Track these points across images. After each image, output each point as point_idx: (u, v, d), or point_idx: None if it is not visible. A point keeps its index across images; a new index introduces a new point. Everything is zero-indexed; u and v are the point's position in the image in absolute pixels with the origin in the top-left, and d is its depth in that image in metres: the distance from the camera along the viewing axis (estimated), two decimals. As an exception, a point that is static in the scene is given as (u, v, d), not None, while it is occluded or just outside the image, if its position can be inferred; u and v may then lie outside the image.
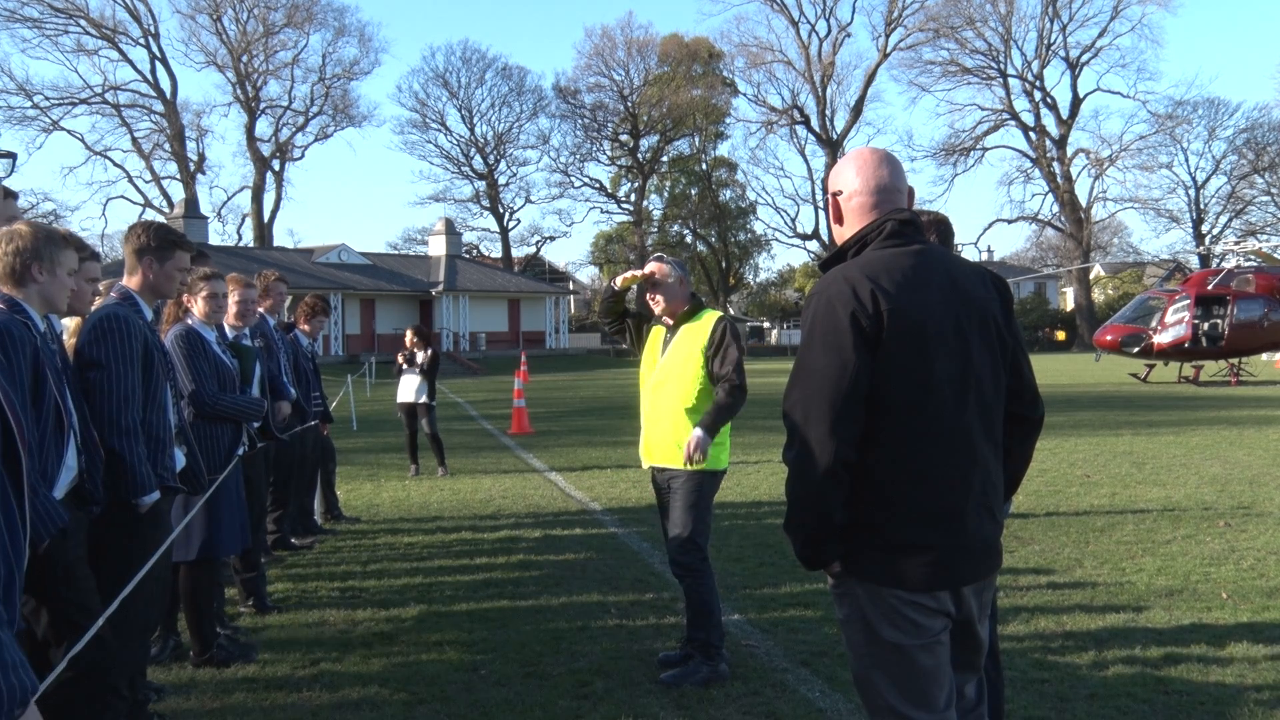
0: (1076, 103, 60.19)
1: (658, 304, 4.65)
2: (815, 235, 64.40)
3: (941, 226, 3.45)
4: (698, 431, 4.44)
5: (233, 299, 5.34)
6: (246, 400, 4.97)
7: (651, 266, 4.68)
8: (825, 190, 2.61)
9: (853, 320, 2.28)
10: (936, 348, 2.32)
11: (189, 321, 4.87)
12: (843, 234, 2.51)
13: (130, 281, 3.96)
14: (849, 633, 2.45)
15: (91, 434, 3.35)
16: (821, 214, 62.80)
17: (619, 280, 4.80)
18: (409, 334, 11.08)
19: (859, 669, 2.44)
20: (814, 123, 61.86)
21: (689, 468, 4.48)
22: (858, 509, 2.33)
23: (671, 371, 4.60)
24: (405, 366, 10.83)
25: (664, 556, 6.42)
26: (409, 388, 10.85)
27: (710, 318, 4.60)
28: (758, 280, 74.57)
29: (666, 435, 4.59)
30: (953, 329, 2.35)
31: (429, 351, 10.91)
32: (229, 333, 5.37)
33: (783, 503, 2.43)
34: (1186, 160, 65.84)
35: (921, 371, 2.30)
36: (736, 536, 7.36)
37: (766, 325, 77.35)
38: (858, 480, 2.32)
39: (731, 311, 69.14)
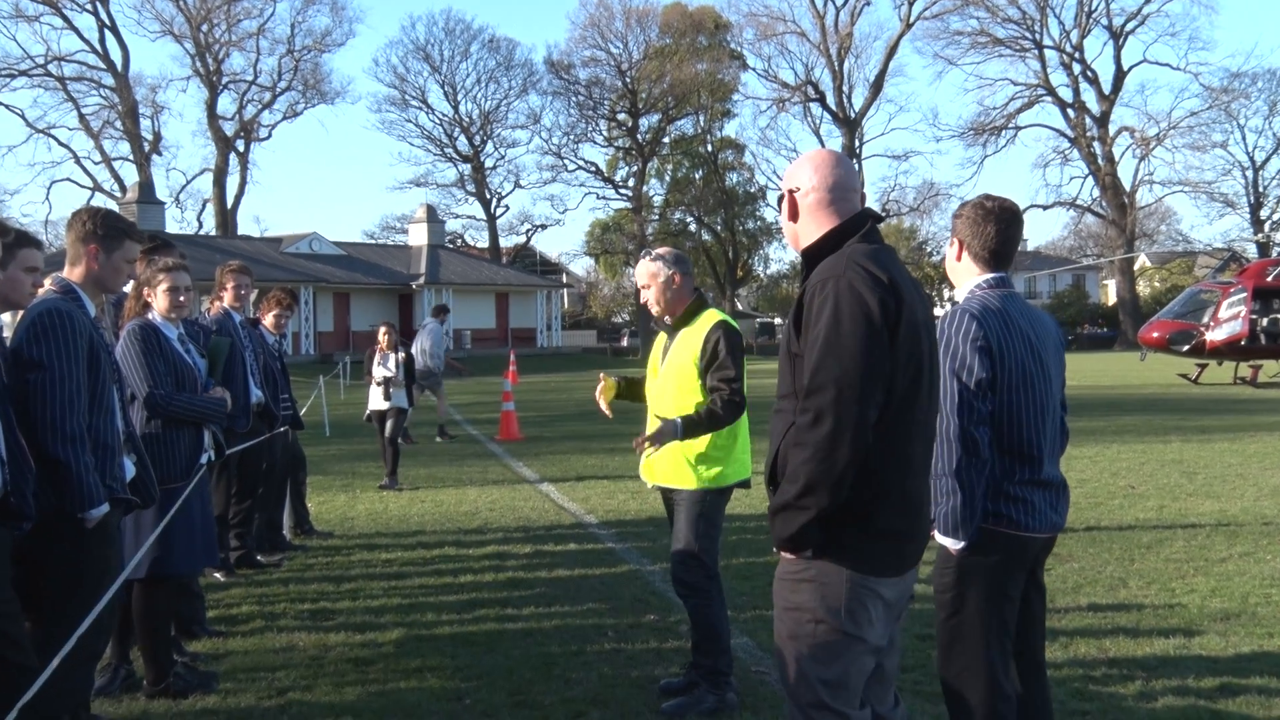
0: (1120, 76, 60.14)
1: (654, 305, 4.65)
2: (832, 223, 64.27)
3: (1010, 214, 3.43)
4: (674, 421, 4.37)
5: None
6: (205, 401, 4.95)
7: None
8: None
9: (881, 304, 2.55)
10: (922, 342, 2.67)
11: (149, 316, 4.85)
12: (796, 229, 2.85)
13: (72, 273, 3.93)
14: (792, 620, 2.68)
15: (19, 443, 3.31)
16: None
17: (604, 405, 4.82)
18: (382, 331, 11.03)
19: (794, 657, 2.66)
20: (830, 100, 61.89)
21: (647, 450, 4.42)
22: (850, 493, 2.58)
23: (669, 382, 4.60)
24: (380, 381, 10.78)
25: (665, 574, 6.41)
26: (382, 394, 10.85)
27: (706, 321, 4.56)
28: (768, 272, 74.51)
29: (667, 452, 4.58)
30: (925, 328, 2.71)
31: (401, 354, 10.85)
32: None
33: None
34: (1243, 139, 66.11)
35: (914, 363, 2.64)
36: (745, 552, 7.35)
37: (778, 322, 77.25)
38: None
39: (739, 306, 69.22)
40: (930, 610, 3.45)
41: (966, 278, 3.43)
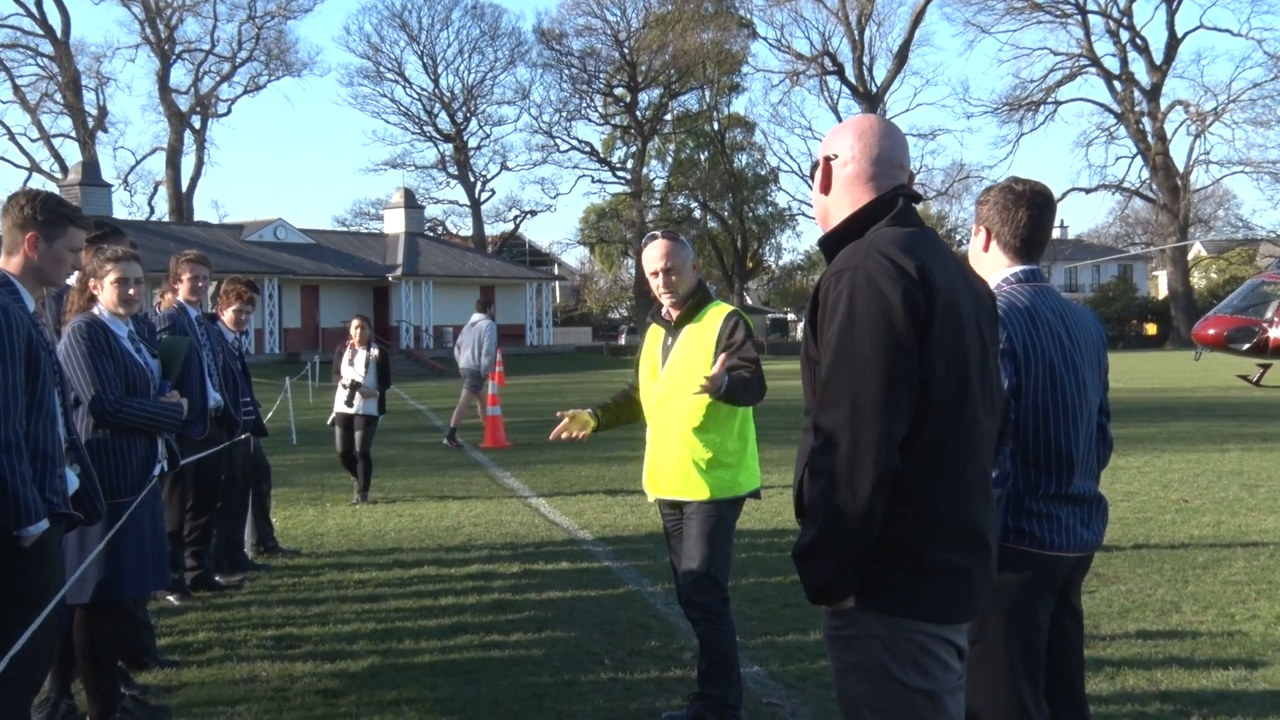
0: (1173, 43, 60.21)
1: (671, 293, 4.65)
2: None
3: (1042, 198, 3.42)
4: (724, 375, 4.39)
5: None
6: (159, 407, 4.94)
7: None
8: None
9: (906, 299, 2.40)
10: (970, 342, 2.51)
11: (94, 311, 4.84)
12: (826, 204, 2.73)
13: (9, 263, 3.92)
14: (855, 684, 2.51)
15: None
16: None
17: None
18: (355, 325, 10.86)
19: None
20: (849, 72, 62.02)
21: (706, 392, 4.39)
22: (888, 527, 2.42)
23: (675, 384, 4.61)
24: (347, 383, 10.57)
25: (667, 595, 6.42)
26: (346, 398, 10.63)
27: (718, 314, 4.62)
28: (780, 263, 74.61)
29: (674, 461, 4.61)
30: (974, 323, 2.55)
31: (374, 351, 10.68)
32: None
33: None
34: (1314, 113, 65.36)
35: (960, 368, 2.48)
36: (755, 571, 7.36)
37: (791, 317, 77.29)
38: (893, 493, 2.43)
39: (748, 300, 69.28)
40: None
41: (995, 270, 3.42)
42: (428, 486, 11.86)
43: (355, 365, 10.67)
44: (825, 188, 2.71)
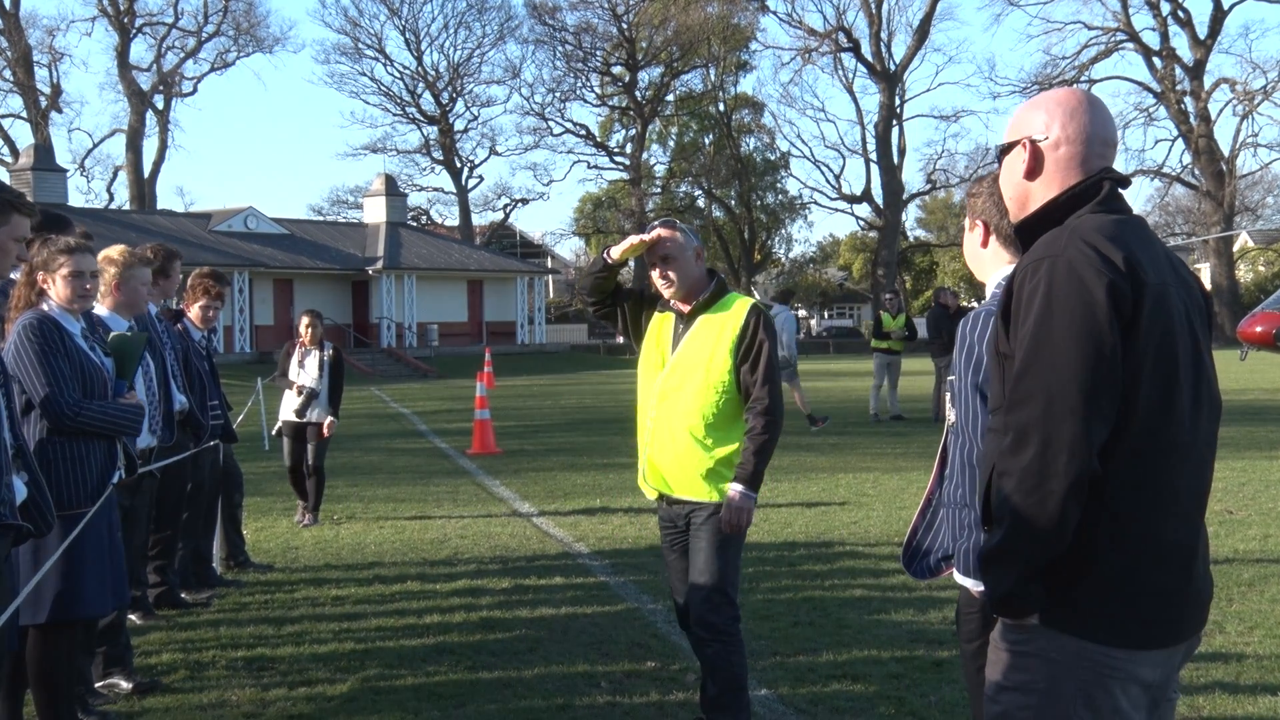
0: (1219, 16, 60.00)
1: (670, 285, 4.64)
2: (866, 196, 64.48)
3: None
4: (737, 489, 4.48)
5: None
6: (119, 409, 4.95)
7: (660, 232, 4.67)
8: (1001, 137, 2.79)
9: (1110, 292, 2.38)
10: (1180, 341, 2.48)
11: (45, 307, 4.84)
12: (1029, 189, 2.68)
13: (-52, 256, 3.92)
14: (1014, 706, 2.49)
15: None
16: (875, 168, 62.96)
17: (616, 250, 4.75)
18: (305, 323, 10.37)
19: None
20: (865, 49, 61.94)
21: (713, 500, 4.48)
22: (1080, 538, 2.41)
23: (688, 374, 4.60)
24: (299, 390, 10.14)
25: (668, 613, 6.42)
26: (300, 405, 10.19)
27: (741, 306, 4.63)
28: (790, 255, 74.64)
29: (683, 459, 4.60)
30: (1185, 321, 2.52)
31: (327, 352, 10.26)
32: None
33: (821, 545, 2.45)
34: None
35: (1169, 370, 2.45)
36: (765, 588, 7.37)
37: (803, 314, 77.30)
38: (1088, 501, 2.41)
39: (755, 295, 69.26)
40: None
41: (996, 268, 3.42)
42: (411, 496, 11.87)
43: (307, 368, 10.22)
44: (1031, 172, 2.68)
